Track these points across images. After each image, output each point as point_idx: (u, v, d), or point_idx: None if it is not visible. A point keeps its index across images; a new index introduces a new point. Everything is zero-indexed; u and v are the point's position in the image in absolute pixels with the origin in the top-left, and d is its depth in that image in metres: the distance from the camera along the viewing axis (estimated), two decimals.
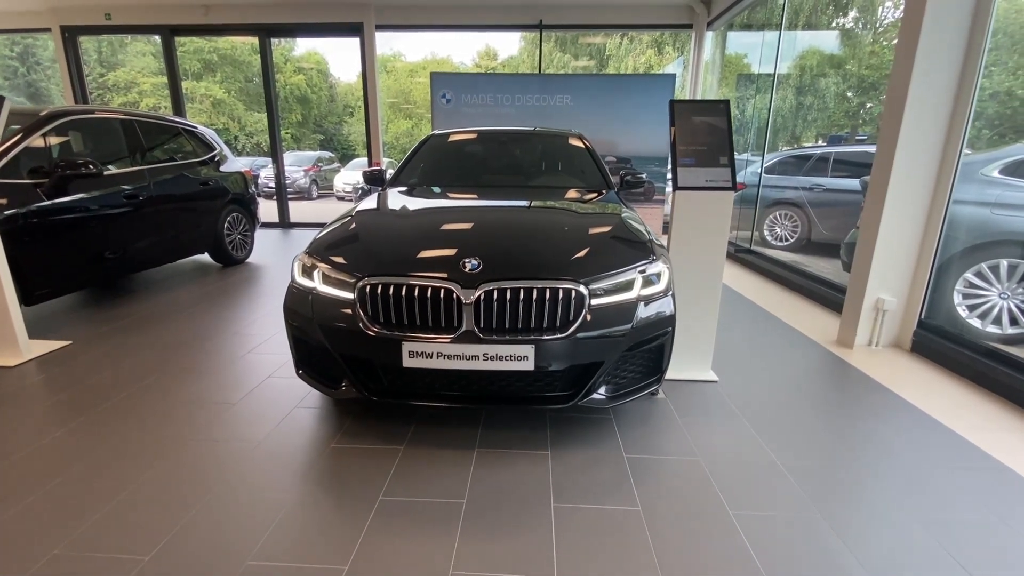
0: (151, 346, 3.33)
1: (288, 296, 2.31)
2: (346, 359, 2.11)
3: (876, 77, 19.17)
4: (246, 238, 5.86)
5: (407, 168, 3.62)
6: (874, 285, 3.34)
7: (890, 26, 12.59)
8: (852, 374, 3.04)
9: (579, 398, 2.08)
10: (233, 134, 27.56)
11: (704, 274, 2.76)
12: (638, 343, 2.11)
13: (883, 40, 16.55)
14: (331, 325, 2.09)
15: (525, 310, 1.98)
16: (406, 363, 2.00)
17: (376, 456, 2.13)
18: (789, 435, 2.34)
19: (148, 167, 4.48)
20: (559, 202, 2.94)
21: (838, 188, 6.60)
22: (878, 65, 19.25)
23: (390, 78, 31.77)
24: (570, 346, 1.99)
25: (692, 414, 2.52)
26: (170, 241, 4.71)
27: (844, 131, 15.50)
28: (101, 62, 27.47)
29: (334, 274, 2.15)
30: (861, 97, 16.81)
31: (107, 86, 26.18)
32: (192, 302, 4.31)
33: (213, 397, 2.65)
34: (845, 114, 16.02)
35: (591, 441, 2.26)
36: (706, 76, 8.35)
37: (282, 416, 2.45)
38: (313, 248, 2.36)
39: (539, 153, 3.90)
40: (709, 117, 2.74)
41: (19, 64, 24.68)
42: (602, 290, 2.07)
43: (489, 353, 1.97)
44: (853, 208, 6.38)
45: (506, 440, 2.25)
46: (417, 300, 1.99)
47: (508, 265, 2.09)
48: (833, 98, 15.65)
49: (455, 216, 2.72)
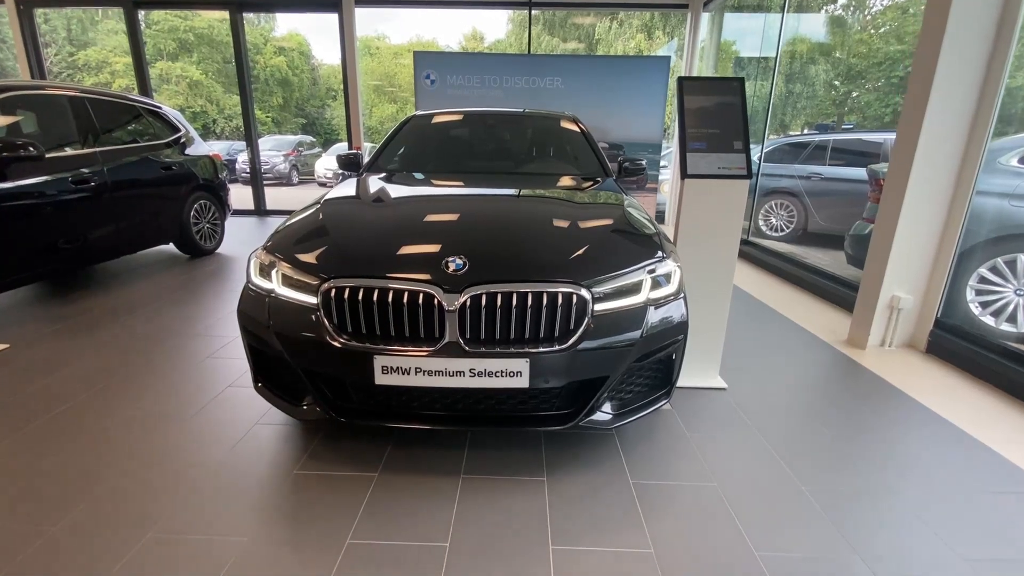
0: (100, 349, 2.99)
1: (243, 299, 1.99)
2: (309, 374, 1.82)
3: (864, 65, 18.98)
4: (215, 227, 5.47)
5: (385, 152, 3.29)
6: (890, 282, 3.11)
7: (878, 14, 12.38)
8: (868, 379, 2.82)
9: (580, 418, 1.81)
10: (211, 117, 26.68)
11: (714, 271, 2.50)
12: (647, 354, 1.85)
13: (871, 29, 16.29)
14: (291, 334, 1.79)
15: (518, 318, 1.70)
16: (379, 380, 1.71)
17: (345, 485, 1.84)
18: (810, 453, 2.10)
19: (101, 150, 4.08)
20: (553, 191, 2.64)
21: (837, 177, 6.38)
22: (866, 53, 19.07)
23: (374, 60, 30.94)
24: (571, 359, 1.71)
25: (702, 428, 2.27)
26: (128, 231, 4.32)
27: (831, 119, 15.37)
28: (71, 40, 26.31)
29: (295, 274, 1.84)
30: (848, 85, 16.64)
31: (77, 66, 25.11)
32: (152, 297, 3.95)
33: (163, 411, 2.33)
34: (832, 103, 15.86)
35: (592, 463, 2.00)
36: (701, 60, 8.06)
37: (240, 435, 2.15)
38: (272, 243, 2.04)
39: (530, 137, 3.59)
40: (722, 96, 2.46)
41: None
42: (606, 293, 1.79)
43: (476, 368, 1.68)
44: (854, 198, 6.17)
45: (496, 464, 1.98)
46: (391, 306, 1.69)
47: (498, 265, 1.80)
48: (822, 86, 15.47)
49: (437, 207, 2.41)
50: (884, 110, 18.77)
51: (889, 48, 19.12)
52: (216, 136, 25.47)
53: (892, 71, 18.20)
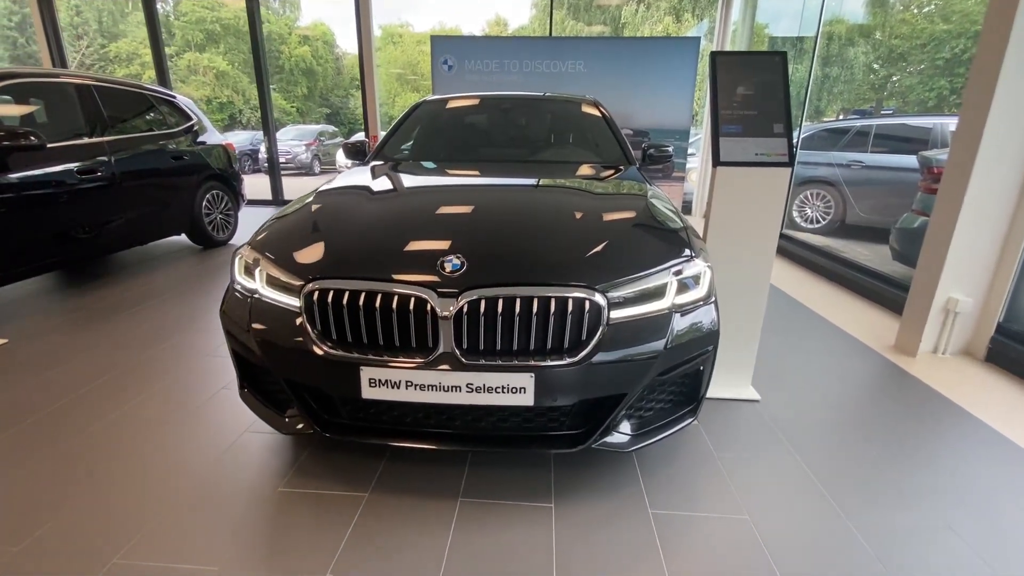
0: (100, 345, 2.90)
1: (226, 299, 1.83)
2: (292, 385, 1.64)
3: (906, 47, 18.02)
4: (228, 218, 5.38)
5: (392, 140, 3.09)
6: (947, 282, 2.79)
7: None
8: (921, 391, 2.52)
9: (593, 440, 1.60)
10: (238, 107, 26.98)
11: (749, 271, 2.24)
12: (671, 367, 1.62)
13: (914, 8, 15.44)
14: (271, 341, 1.62)
15: (522, 326, 1.49)
16: (366, 393, 1.53)
17: (332, 506, 1.67)
18: (857, 481, 1.85)
19: (108, 139, 3.99)
20: (569, 181, 2.41)
21: (881, 165, 5.94)
22: (908, 34, 18.09)
23: (397, 49, 30.79)
24: (582, 374, 1.50)
25: (732, 447, 2.03)
26: (138, 222, 4.24)
27: (869, 104, 14.60)
28: (102, 33, 26.86)
29: (279, 274, 1.66)
30: (889, 68, 15.77)
31: (108, 58, 25.64)
32: (161, 290, 3.86)
33: (152, 414, 2.20)
34: (871, 87, 15.06)
35: (606, 487, 1.78)
36: (733, 43, 7.63)
37: (227, 444, 2.00)
38: (258, 239, 1.87)
39: (547, 122, 3.35)
40: (760, 74, 2.18)
41: (18, 35, 24.14)
42: (625, 298, 1.56)
43: (475, 384, 1.48)
44: (899, 188, 5.74)
45: (498, 486, 1.78)
46: (379, 312, 1.50)
47: (500, 265, 1.58)
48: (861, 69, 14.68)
49: (438, 199, 2.19)
50: (928, 94, 17.77)
51: (935, 28, 18.04)
52: (242, 126, 25.76)
53: (937, 53, 17.18)
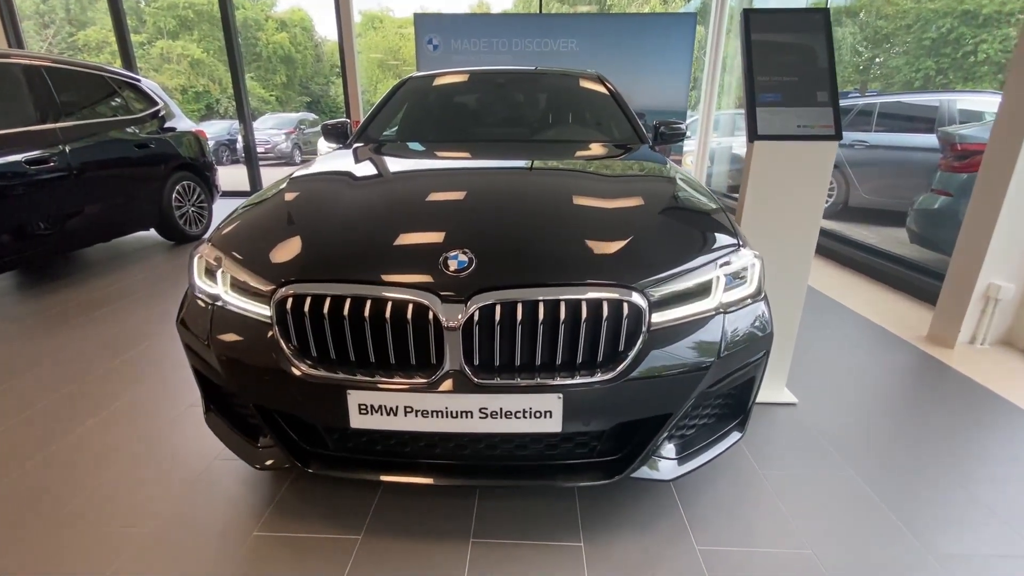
0: (54, 357, 2.57)
1: (184, 306, 1.53)
2: (265, 412, 1.35)
3: (891, 28, 17.81)
4: (202, 210, 5.00)
5: (377, 120, 2.77)
6: (989, 267, 2.56)
7: None
8: (970, 388, 2.30)
9: (632, 468, 1.33)
10: (215, 96, 26.13)
11: (787, 260, 1.98)
12: (723, 377, 1.35)
13: None
14: (236, 359, 1.32)
15: (547, 336, 1.21)
16: (355, 422, 1.24)
17: (318, 553, 1.39)
18: (922, 498, 1.61)
19: (62, 125, 3.61)
20: (582, 161, 2.12)
21: (887, 144, 5.72)
22: (893, 15, 17.87)
23: (378, 35, 30.00)
24: (621, 392, 1.23)
25: (777, 463, 1.78)
26: (100, 216, 3.87)
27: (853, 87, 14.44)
28: (70, 20, 25.76)
29: (245, 277, 1.36)
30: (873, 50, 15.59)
31: (77, 46, 24.61)
32: (127, 291, 3.52)
33: (110, 440, 1.90)
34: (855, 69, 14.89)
35: (642, 519, 1.52)
36: (732, 19, 7.32)
37: (193, 475, 1.71)
38: (220, 234, 1.56)
39: (549, 98, 3.04)
40: (801, 34, 1.91)
41: None
42: (667, 298, 1.29)
43: (489, 408, 1.21)
44: (905, 168, 5.53)
45: (516, 522, 1.51)
46: (368, 322, 1.21)
47: (516, 262, 1.30)
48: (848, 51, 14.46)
49: (433, 185, 1.88)
50: (914, 75, 17.64)
51: (921, 8, 17.87)
52: (220, 116, 24.94)
53: (924, 33, 17.05)
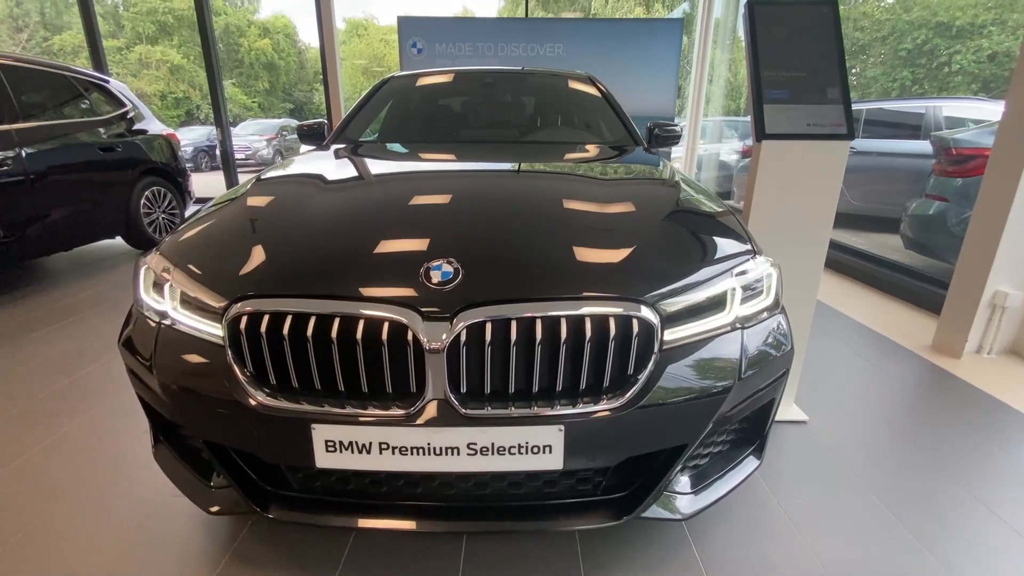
0: (8, 374, 2.34)
1: (128, 325, 1.34)
2: (216, 448, 1.17)
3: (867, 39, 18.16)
4: (173, 217, 4.76)
5: (356, 120, 2.60)
6: (996, 275, 2.47)
7: None
8: (984, 402, 2.19)
9: (643, 507, 1.17)
10: (195, 102, 25.68)
11: (796, 269, 1.85)
12: (743, 400, 1.20)
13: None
14: (183, 386, 1.14)
15: (545, 359, 1.05)
16: (321, 461, 1.07)
17: None
18: (950, 525, 1.48)
19: (17, 127, 3.37)
20: (576, 164, 1.98)
21: (874, 151, 5.70)
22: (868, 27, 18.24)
23: (362, 42, 29.85)
24: (631, 422, 1.07)
25: (791, 488, 1.64)
26: (62, 223, 3.63)
27: None
28: (45, 24, 25.15)
29: (195, 291, 1.18)
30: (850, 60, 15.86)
31: (52, 51, 24.03)
32: (87, 303, 3.28)
33: (57, 473, 1.68)
34: None
35: (651, 559, 1.36)
36: (719, 28, 7.30)
37: (144, 515, 1.51)
38: (170, 242, 1.37)
39: (540, 100, 2.91)
40: (807, 28, 1.79)
41: None
42: (679, 313, 1.14)
43: (479, 443, 1.04)
44: (893, 174, 5.51)
45: (509, 565, 1.34)
46: (337, 344, 1.04)
47: (508, 272, 1.14)
48: None
49: (413, 188, 1.70)
50: (891, 84, 17.96)
51: (896, 19, 18.22)
52: (200, 122, 24.49)
53: (899, 44, 17.40)
